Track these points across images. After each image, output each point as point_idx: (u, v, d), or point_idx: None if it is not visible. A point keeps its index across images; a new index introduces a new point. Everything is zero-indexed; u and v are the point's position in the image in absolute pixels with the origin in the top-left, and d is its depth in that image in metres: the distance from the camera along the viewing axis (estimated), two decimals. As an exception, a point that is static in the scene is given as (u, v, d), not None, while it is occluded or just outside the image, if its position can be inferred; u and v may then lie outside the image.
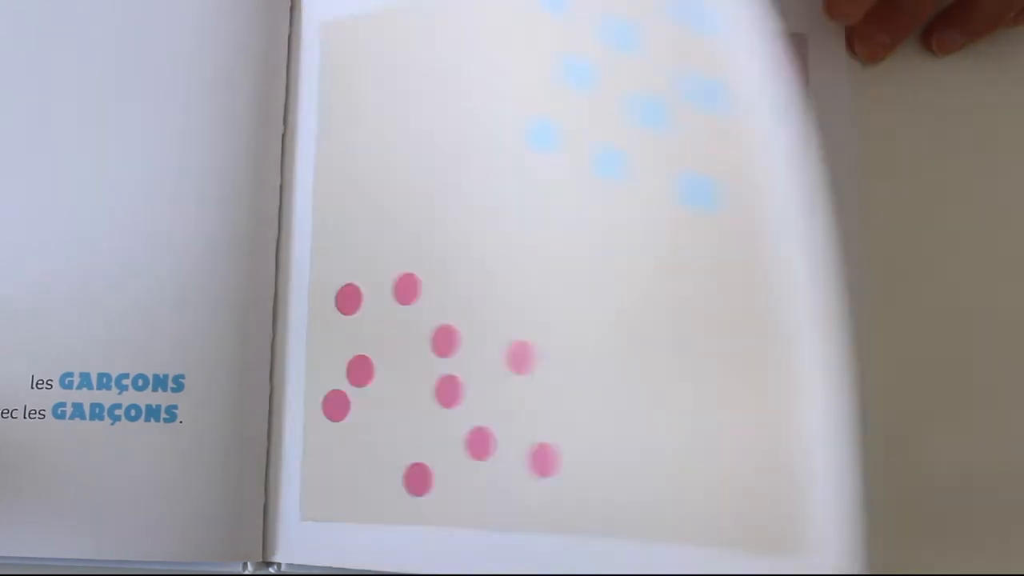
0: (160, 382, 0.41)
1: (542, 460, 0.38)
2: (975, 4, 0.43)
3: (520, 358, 0.39)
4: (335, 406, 0.41)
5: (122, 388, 0.41)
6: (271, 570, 0.41)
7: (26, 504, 0.41)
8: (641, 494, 0.36)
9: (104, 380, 0.41)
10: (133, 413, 0.41)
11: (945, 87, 0.45)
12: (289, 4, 0.45)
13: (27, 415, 0.41)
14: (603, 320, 0.38)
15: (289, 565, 0.41)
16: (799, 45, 0.43)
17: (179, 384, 0.41)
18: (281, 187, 0.44)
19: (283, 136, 0.44)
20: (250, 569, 0.41)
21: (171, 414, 0.41)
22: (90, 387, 0.41)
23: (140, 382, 0.41)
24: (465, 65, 0.42)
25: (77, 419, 0.41)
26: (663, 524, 0.36)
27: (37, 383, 0.41)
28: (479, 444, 0.39)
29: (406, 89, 0.42)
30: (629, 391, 0.37)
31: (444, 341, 0.40)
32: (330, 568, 0.40)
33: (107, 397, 0.41)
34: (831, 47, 0.43)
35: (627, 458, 0.37)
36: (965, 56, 0.45)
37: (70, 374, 0.41)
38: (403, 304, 0.41)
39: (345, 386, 0.41)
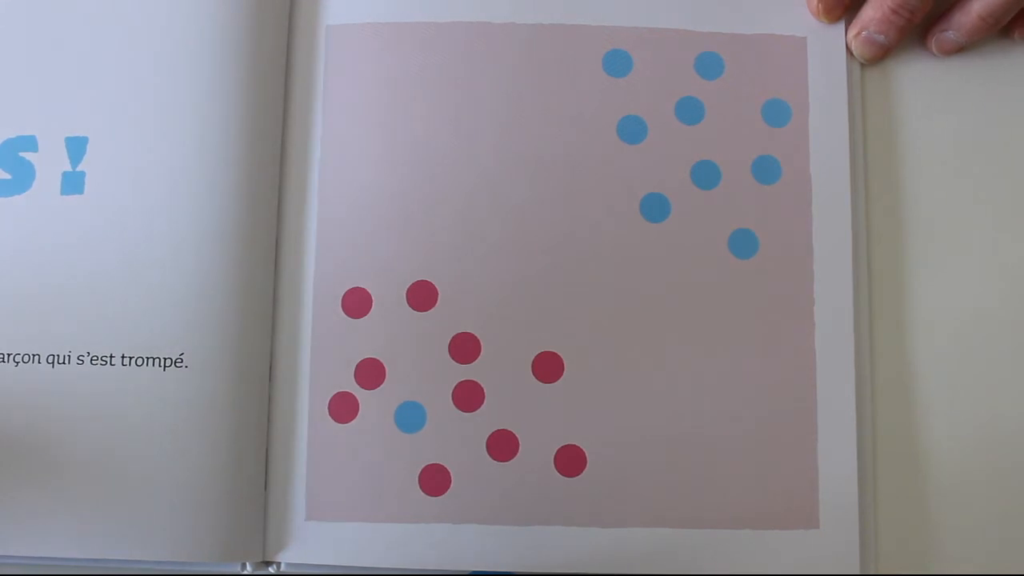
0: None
1: (568, 461, 0.41)
2: (973, 7, 0.43)
3: (547, 368, 0.42)
4: (342, 407, 0.42)
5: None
6: (271, 570, 0.41)
7: (25, 503, 0.39)
8: (669, 486, 0.41)
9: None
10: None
11: (945, 87, 0.45)
12: (289, 4, 0.44)
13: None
14: (633, 332, 0.42)
15: (289, 565, 0.41)
16: (799, 47, 0.44)
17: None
18: (281, 186, 0.43)
19: (283, 136, 0.43)
20: (249, 569, 0.41)
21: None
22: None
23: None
24: (489, 85, 0.44)
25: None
26: (690, 512, 0.41)
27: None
28: (502, 446, 0.41)
29: (423, 100, 0.43)
30: (657, 395, 0.42)
31: (464, 348, 0.42)
32: (335, 567, 0.41)
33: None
34: (831, 48, 0.44)
35: (655, 455, 0.41)
36: (965, 56, 0.45)
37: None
38: (418, 310, 0.42)
39: (353, 388, 0.42)
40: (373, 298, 0.42)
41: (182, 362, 0.40)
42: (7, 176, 0.42)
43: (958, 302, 0.43)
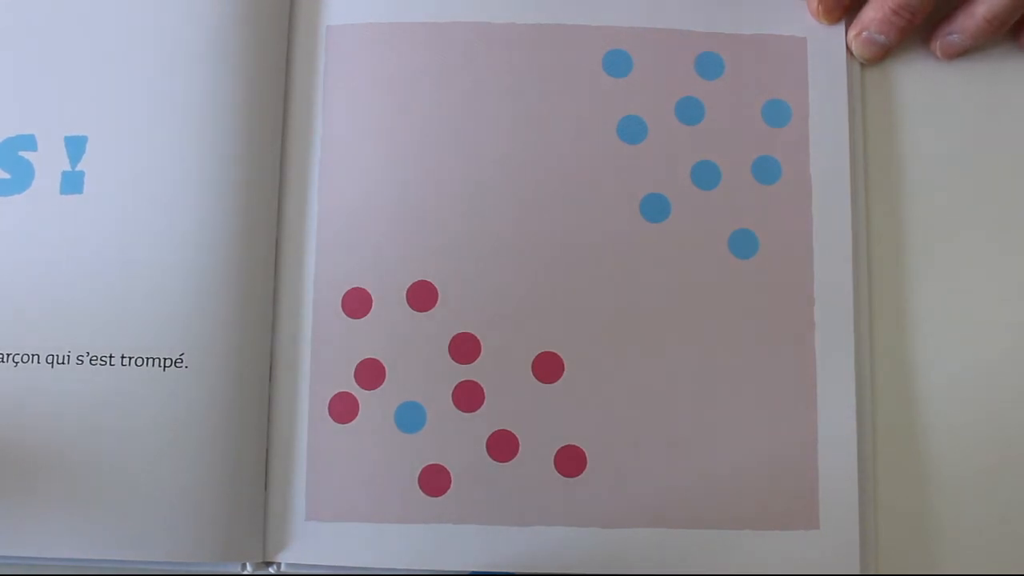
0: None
1: (568, 461, 0.41)
2: (978, 10, 0.43)
3: (547, 368, 0.42)
4: (342, 408, 0.42)
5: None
6: (271, 570, 0.41)
7: (24, 503, 0.39)
8: (669, 486, 0.41)
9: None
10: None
11: (945, 88, 0.45)
12: (289, 4, 0.44)
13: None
14: (633, 332, 0.42)
15: (289, 565, 0.41)
16: (799, 47, 0.44)
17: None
18: (281, 186, 0.43)
19: (283, 137, 0.43)
20: (249, 569, 0.41)
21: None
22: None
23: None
24: (489, 85, 0.44)
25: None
26: (690, 512, 0.41)
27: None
28: (502, 446, 0.41)
29: (423, 100, 0.43)
30: (657, 395, 0.42)
31: (464, 349, 0.42)
32: (335, 567, 0.41)
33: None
34: (831, 48, 0.44)
35: (655, 455, 0.41)
36: (965, 57, 0.45)
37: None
38: (418, 311, 0.42)
39: (353, 388, 0.42)
40: (373, 298, 0.42)
41: (182, 362, 0.40)
42: (6, 175, 0.42)
43: (958, 302, 0.43)
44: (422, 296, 0.42)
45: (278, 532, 0.41)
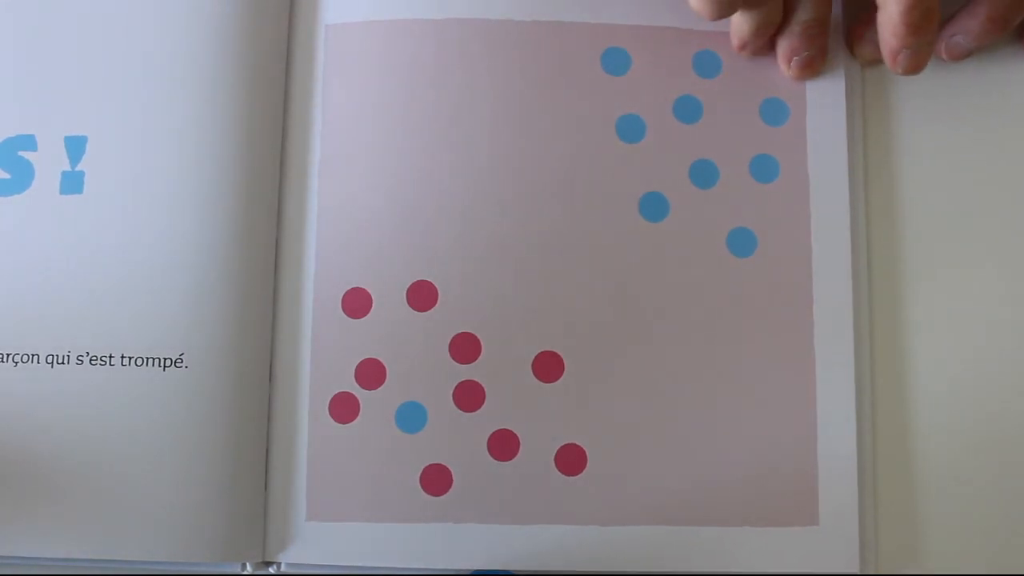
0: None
1: (569, 460, 0.41)
2: (982, 10, 0.42)
3: (547, 368, 0.42)
4: (343, 408, 0.42)
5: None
6: (271, 570, 0.41)
7: (24, 503, 0.39)
8: (669, 484, 0.41)
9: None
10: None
11: (944, 87, 0.44)
12: (289, 3, 0.44)
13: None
14: (633, 331, 0.42)
15: (289, 565, 0.41)
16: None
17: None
18: (281, 186, 0.43)
19: (283, 136, 0.43)
20: (249, 569, 0.41)
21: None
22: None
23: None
24: (487, 83, 0.44)
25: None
26: (690, 510, 0.41)
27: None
28: (503, 446, 0.41)
29: (422, 97, 0.43)
30: (657, 394, 0.42)
31: (464, 348, 0.42)
32: (335, 567, 0.41)
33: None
34: (831, 49, 0.44)
35: (655, 454, 0.41)
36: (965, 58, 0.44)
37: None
38: (418, 311, 0.42)
39: (354, 388, 0.42)
40: (373, 298, 0.42)
41: (182, 362, 0.40)
42: (6, 175, 0.42)
43: (958, 300, 0.43)
44: (422, 296, 0.42)
45: (278, 532, 0.41)
